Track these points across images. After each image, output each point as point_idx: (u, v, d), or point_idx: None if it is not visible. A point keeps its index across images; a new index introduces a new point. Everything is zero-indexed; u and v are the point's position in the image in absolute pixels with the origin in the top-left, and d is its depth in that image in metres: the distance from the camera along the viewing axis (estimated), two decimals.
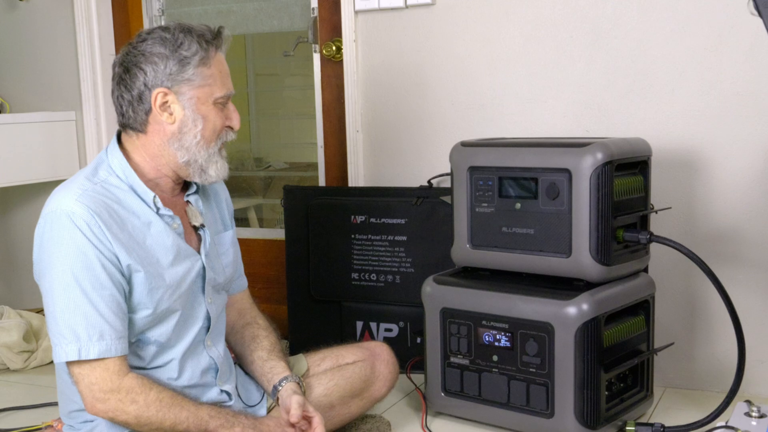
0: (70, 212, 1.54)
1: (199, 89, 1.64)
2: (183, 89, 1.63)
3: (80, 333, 1.53)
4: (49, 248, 1.56)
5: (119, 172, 1.65)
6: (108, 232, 1.55)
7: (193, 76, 1.63)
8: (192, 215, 1.75)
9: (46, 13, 3.11)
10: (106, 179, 1.63)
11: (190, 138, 1.65)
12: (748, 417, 1.85)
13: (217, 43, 1.67)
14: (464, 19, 2.48)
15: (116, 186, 1.64)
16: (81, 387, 1.57)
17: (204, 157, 1.67)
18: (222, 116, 1.68)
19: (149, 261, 1.61)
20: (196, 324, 1.72)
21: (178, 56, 1.62)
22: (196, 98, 1.64)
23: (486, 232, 2.02)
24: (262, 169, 3.44)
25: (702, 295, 2.26)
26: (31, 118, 3.00)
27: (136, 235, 1.61)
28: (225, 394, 1.77)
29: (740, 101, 2.16)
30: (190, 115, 1.65)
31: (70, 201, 1.55)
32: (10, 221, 3.30)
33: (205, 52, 1.64)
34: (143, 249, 1.61)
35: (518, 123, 2.43)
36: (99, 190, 1.60)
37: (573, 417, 1.85)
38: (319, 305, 2.59)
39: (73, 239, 1.53)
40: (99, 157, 1.71)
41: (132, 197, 1.64)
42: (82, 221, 1.54)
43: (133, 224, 1.62)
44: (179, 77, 1.63)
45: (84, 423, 1.68)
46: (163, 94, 1.63)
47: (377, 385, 1.97)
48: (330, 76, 2.78)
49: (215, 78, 1.66)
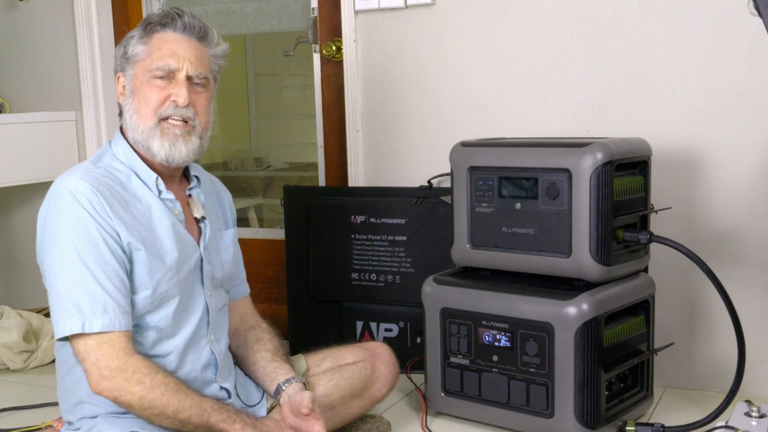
0: (73, 189, 1.58)
1: (136, 65, 1.69)
2: (127, 69, 1.71)
3: (83, 306, 1.54)
4: (51, 226, 1.59)
5: (122, 158, 1.70)
6: (110, 210, 1.58)
7: (132, 54, 1.70)
8: (194, 207, 1.77)
9: (46, 13, 3.11)
10: (109, 164, 1.68)
11: (128, 114, 1.70)
12: (748, 417, 1.85)
13: (162, 22, 1.69)
14: (464, 19, 2.48)
15: (119, 170, 1.68)
16: (87, 365, 1.57)
17: (140, 132, 1.67)
18: (161, 91, 1.67)
19: (150, 242, 1.63)
20: (195, 314, 1.72)
21: (125, 41, 1.72)
22: (134, 75, 1.69)
23: (486, 232, 2.02)
24: (262, 169, 3.44)
25: (702, 295, 2.26)
26: (31, 118, 3.00)
27: (139, 216, 1.64)
28: (224, 391, 1.77)
29: (740, 101, 2.16)
30: (129, 91, 1.70)
31: (73, 180, 1.59)
32: (10, 221, 3.29)
33: (144, 30, 1.70)
34: (145, 229, 1.64)
35: (518, 123, 2.43)
36: (102, 173, 1.64)
37: (573, 417, 1.85)
38: (319, 305, 2.59)
39: (76, 215, 1.56)
40: (103, 147, 1.76)
41: (134, 181, 1.68)
42: (84, 197, 1.57)
43: (135, 206, 1.65)
44: (124, 58, 1.71)
45: (82, 420, 1.68)
46: (120, 78, 1.72)
47: (377, 385, 1.97)
48: (330, 76, 2.78)
49: (151, 52, 1.68)
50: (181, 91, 1.67)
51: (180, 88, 1.67)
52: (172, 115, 1.67)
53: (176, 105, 1.67)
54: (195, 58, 1.70)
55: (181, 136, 1.68)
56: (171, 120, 1.67)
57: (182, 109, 1.67)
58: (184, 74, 1.68)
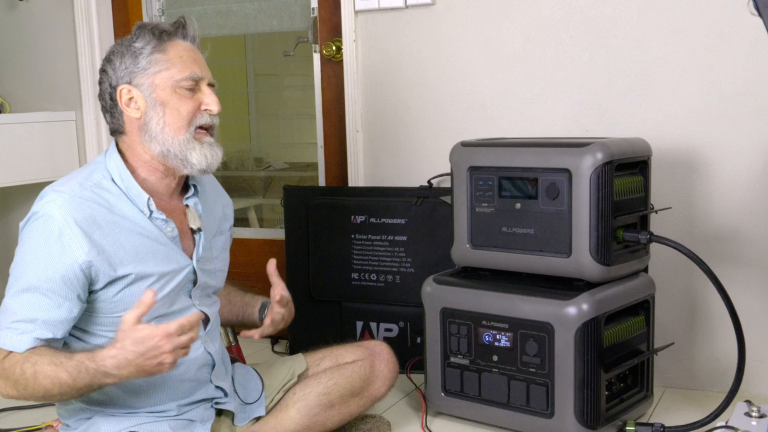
0: (49, 216, 1.56)
1: (156, 76, 1.65)
2: (141, 80, 1.66)
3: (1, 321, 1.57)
4: (21, 243, 1.61)
5: (115, 175, 1.66)
6: (82, 242, 1.55)
7: (148, 65, 1.65)
8: (191, 218, 1.75)
9: (46, 13, 3.11)
10: (98, 182, 1.64)
11: (154, 126, 1.65)
12: (748, 417, 1.85)
13: (174, 32, 1.68)
14: (464, 19, 2.48)
15: (108, 190, 1.64)
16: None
17: (176, 145, 1.65)
18: (191, 101, 1.67)
19: (133, 266, 1.61)
20: None
21: (131, 50, 1.66)
22: (155, 85, 1.65)
23: (486, 232, 2.02)
24: (262, 169, 3.45)
25: (702, 295, 2.26)
26: (31, 118, 3.00)
27: (123, 241, 1.61)
28: (220, 390, 1.77)
29: (740, 101, 2.16)
30: (151, 103, 1.65)
31: (53, 206, 1.57)
32: (10, 221, 3.29)
33: (158, 40, 1.66)
34: (128, 254, 1.61)
35: (518, 123, 2.43)
36: (88, 196, 1.60)
37: (573, 417, 1.85)
38: (319, 305, 2.59)
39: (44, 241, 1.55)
40: (96, 160, 1.71)
41: (123, 202, 1.64)
42: (57, 227, 1.55)
43: (121, 228, 1.61)
44: (135, 69, 1.66)
45: (78, 421, 1.68)
46: (127, 90, 1.66)
47: (377, 384, 1.97)
48: (330, 76, 2.78)
49: (173, 62, 1.65)
50: (213, 99, 1.69)
51: (210, 96, 1.69)
52: (207, 124, 1.68)
53: (210, 113, 1.68)
54: (206, 66, 1.72)
55: (214, 144, 1.70)
56: (202, 129, 1.68)
57: (215, 117, 1.70)
58: (206, 82, 1.69)
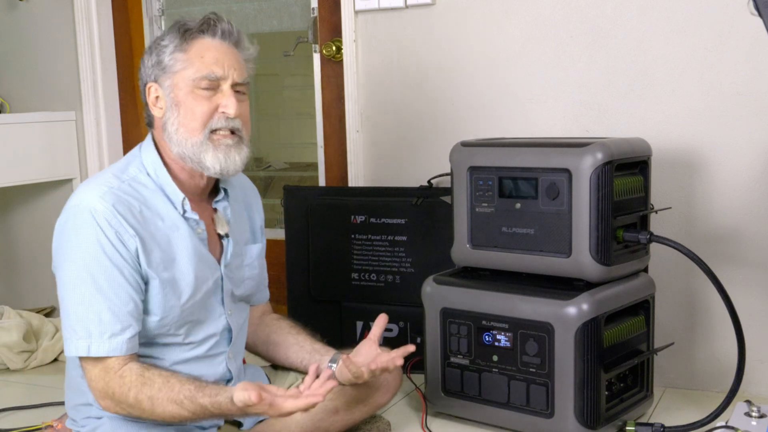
0: (93, 209, 1.53)
1: (176, 75, 1.62)
2: (163, 79, 1.63)
3: (92, 330, 1.53)
4: (68, 241, 1.56)
5: (150, 170, 1.64)
6: (129, 233, 1.54)
7: (170, 63, 1.62)
8: (218, 223, 1.73)
9: (46, 13, 3.11)
10: (135, 176, 1.62)
11: (171, 127, 1.62)
12: (748, 417, 1.85)
13: (198, 29, 1.63)
14: (464, 19, 2.48)
15: (144, 185, 1.62)
16: (87, 380, 1.59)
17: (190, 147, 1.61)
18: (208, 102, 1.61)
19: (167, 267, 1.60)
20: (211, 332, 1.70)
21: (157, 48, 1.64)
22: (174, 85, 1.62)
23: (486, 232, 2.02)
24: (262, 169, 3.44)
25: (702, 295, 2.26)
26: (31, 118, 3.00)
27: (158, 237, 1.60)
28: None
29: (740, 101, 2.16)
30: (170, 103, 1.62)
31: (93, 197, 1.55)
32: (10, 221, 3.29)
33: (181, 38, 1.62)
34: (163, 252, 1.60)
35: (518, 123, 2.43)
36: (125, 189, 1.59)
37: (573, 417, 1.85)
38: (319, 305, 2.59)
39: (94, 235, 1.53)
40: (132, 153, 1.69)
41: (159, 197, 1.62)
42: (104, 219, 1.53)
43: (156, 226, 1.60)
44: (159, 67, 1.63)
45: (87, 419, 1.68)
46: (154, 89, 1.64)
47: (381, 392, 1.95)
48: (330, 76, 2.78)
49: (192, 61, 1.61)
50: (231, 101, 1.62)
51: (229, 98, 1.62)
52: (223, 127, 1.62)
53: (226, 117, 1.62)
54: (237, 65, 1.65)
55: (233, 146, 1.63)
56: (221, 132, 1.63)
57: (232, 120, 1.63)
58: (229, 83, 1.63)
